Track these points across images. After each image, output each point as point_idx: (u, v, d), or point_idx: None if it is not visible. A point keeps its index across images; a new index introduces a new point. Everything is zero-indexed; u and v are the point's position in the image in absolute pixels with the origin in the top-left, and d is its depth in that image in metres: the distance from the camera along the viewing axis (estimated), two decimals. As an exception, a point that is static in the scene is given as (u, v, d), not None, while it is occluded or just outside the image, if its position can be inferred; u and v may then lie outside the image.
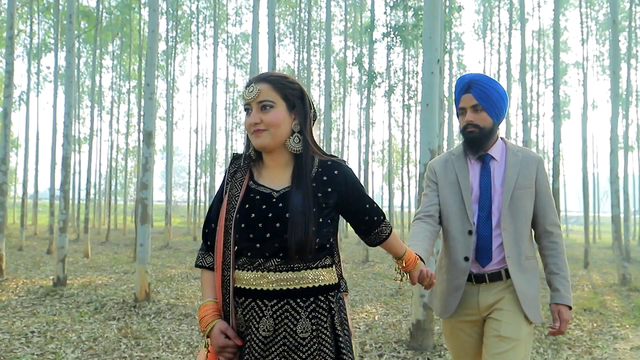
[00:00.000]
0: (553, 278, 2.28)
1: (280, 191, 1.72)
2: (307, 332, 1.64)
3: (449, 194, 2.37)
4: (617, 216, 10.58)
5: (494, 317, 2.23)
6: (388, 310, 7.23)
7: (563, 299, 2.24)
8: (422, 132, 5.13)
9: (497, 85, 2.32)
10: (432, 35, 5.03)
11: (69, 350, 4.84)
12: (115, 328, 5.72)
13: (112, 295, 7.63)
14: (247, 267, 1.67)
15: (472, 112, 2.31)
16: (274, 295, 1.64)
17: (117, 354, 4.77)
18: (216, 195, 1.81)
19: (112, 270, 10.99)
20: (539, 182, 2.31)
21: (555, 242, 2.31)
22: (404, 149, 26.44)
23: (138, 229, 7.10)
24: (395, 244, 1.94)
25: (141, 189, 6.94)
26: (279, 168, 1.76)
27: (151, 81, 6.99)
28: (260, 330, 1.63)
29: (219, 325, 1.66)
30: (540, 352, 5.00)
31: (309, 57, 16.36)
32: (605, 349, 5.32)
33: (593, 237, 25.50)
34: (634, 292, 9.17)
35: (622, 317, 6.93)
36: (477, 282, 2.27)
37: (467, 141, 2.35)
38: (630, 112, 19.66)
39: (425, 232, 2.32)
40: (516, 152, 2.34)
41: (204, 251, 1.79)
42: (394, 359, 4.72)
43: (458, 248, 2.31)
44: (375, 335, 5.59)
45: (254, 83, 1.72)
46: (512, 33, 19.00)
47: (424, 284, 2.01)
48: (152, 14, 7.08)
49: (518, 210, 2.27)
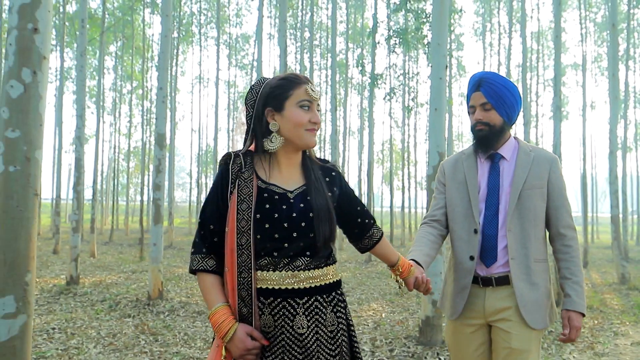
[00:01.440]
0: (565, 283, 2.20)
1: (294, 191, 1.74)
2: (333, 325, 1.73)
3: (456, 193, 2.35)
4: (617, 216, 10.79)
5: (503, 328, 2.18)
6: (394, 308, 7.41)
7: (574, 305, 2.16)
8: (431, 136, 5.32)
9: (508, 84, 2.27)
10: (440, 42, 5.22)
11: (90, 345, 5.02)
12: (131, 325, 5.90)
13: (125, 293, 7.80)
14: (271, 267, 1.67)
15: (481, 110, 2.28)
16: (304, 293, 1.68)
17: (137, 349, 4.94)
18: (211, 195, 1.75)
19: (120, 269, 11.14)
20: (552, 183, 2.24)
21: (569, 245, 2.23)
22: (404, 149, 26.59)
23: (151, 228, 7.27)
24: (387, 249, 1.98)
25: (154, 190, 7.12)
26: (292, 168, 1.79)
27: (164, 85, 7.17)
28: (295, 328, 1.65)
29: (242, 329, 1.62)
30: (545, 347, 5.19)
31: (311, 58, 16.47)
32: (606, 344, 5.51)
33: (591, 237, 25.69)
34: (633, 291, 9.37)
35: (622, 315, 7.12)
36: (484, 284, 2.23)
37: (476, 139, 2.32)
38: (628, 113, 19.85)
39: (429, 237, 2.33)
40: (528, 152, 2.29)
41: (204, 254, 1.71)
42: (404, 353, 4.90)
43: (464, 247, 2.28)
44: (385, 332, 5.77)
45: (312, 84, 1.78)
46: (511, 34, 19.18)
47: (420, 290, 2.03)
48: (164, 19, 7.25)
49: (526, 210, 2.20)
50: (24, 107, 2.29)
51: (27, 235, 2.30)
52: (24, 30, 2.30)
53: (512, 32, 19.50)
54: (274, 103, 1.73)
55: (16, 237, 2.26)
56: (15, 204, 2.26)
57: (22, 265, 2.27)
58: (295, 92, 1.73)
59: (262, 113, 1.75)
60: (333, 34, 10.01)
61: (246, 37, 29.98)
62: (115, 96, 25.18)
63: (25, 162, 2.29)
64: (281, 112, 1.73)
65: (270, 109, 1.74)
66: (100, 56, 16.19)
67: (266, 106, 1.74)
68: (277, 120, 1.73)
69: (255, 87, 1.79)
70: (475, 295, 2.24)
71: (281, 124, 1.73)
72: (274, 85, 1.75)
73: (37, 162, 2.34)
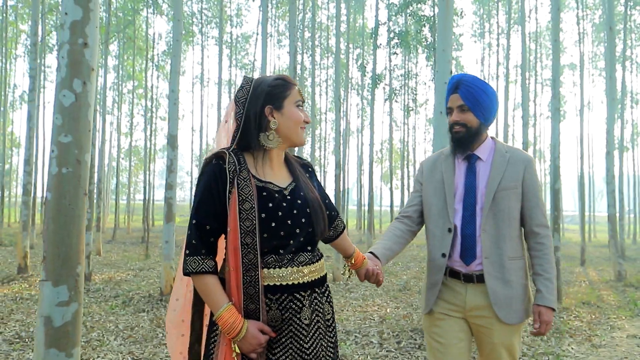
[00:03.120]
0: (537, 279, 2.28)
1: (287, 188, 1.79)
2: (329, 314, 1.85)
3: (433, 192, 2.40)
4: (614, 215, 11.06)
5: (484, 325, 2.27)
6: (398, 303, 7.64)
7: (544, 301, 2.23)
8: (435, 138, 5.55)
9: (485, 86, 2.31)
10: (445, 48, 5.46)
11: (111, 337, 5.24)
12: (147, 319, 6.12)
13: (137, 290, 8.03)
14: (276, 264, 1.71)
15: (458, 112, 2.32)
16: (307, 287, 1.75)
17: (156, 342, 5.17)
18: (204, 195, 1.72)
19: (127, 267, 11.36)
20: (527, 183, 2.30)
21: (542, 243, 2.29)
22: (403, 149, 26.83)
23: (163, 226, 7.50)
24: (347, 242, 2.08)
25: (167, 189, 7.34)
26: (280, 165, 1.84)
27: (175, 87, 7.39)
28: (302, 319, 1.73)
29: (254, 325, 1.65)
30: (545, 340, 5.44)
31: (313, 58, 16.70)
32: (603, 337, 5.76)
33: (588, 236, 25.97)
34: (629, 288, 9.63)
35: (618, 310, 7.37)
36: (465, 281, 2.29)
37: (454, 140, 2.36)
38: (625, 113, 20.11)
39: (396, 232, 2.41)
40: (504, 153, 2.34)
41: (203, 255, 1.69)
42: (411, 345, 5.14)
43: (437, 245, 2.35)
44: (391, 325, 6.01)
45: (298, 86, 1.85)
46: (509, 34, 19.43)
47: (370, 281, 2.13)
48: (175, 23, 7.48)
49: (501, 211, 2.26)
50: (75, 115, 2.51)
51: (77, 231, 2.53)
52: (75, 44, 2.52)
53: (511, 32, 19.76)
54: (274, 101, 1.77)
55: (68, 233, 2.49)
56: (68, 202, 2.48)
57: (74, 258, 2.50)
58: (292, 92, 1.80)
59: (262, 111, 1.76)
60: (337, 34, 10.23)
61: (246, 37, 30.19)
62: (114, 95, 25.37)
63: (77, 165, 2.51)
64: (280, 111, 1.77)
65: (270, 107, 1.77)
66: (105, 57, 16.38)
67: (266, 104, 1.76)
68: (276, 119, 1.77)
69: (245, 85, 1.81)
70: (458, 291, 2.31)
71: (280, 121, 1.77)
72: (272, 84, 1.79)
73: (86, 165, 2.56)
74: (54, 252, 2.46)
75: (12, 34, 23.57)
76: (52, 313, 2.43)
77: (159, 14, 21.59)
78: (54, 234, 2.47)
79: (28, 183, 9.26)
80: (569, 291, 8.99)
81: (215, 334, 1.74)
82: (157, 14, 21.41)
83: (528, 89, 24.21)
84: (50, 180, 2.49)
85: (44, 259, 2.48)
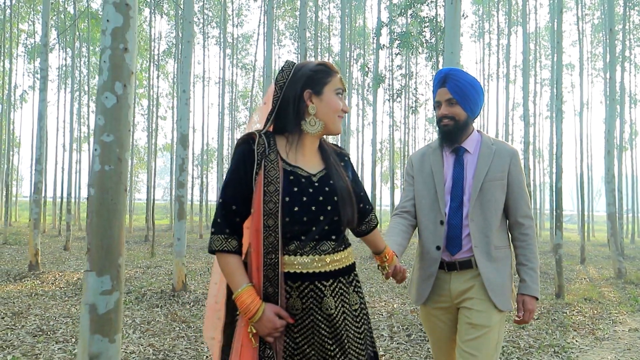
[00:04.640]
0: (521, 269, 2.34)
1: (316, 174, 1.78)
2: (356, 304, 1.81)
3: (423, 185, 2.44)
4: (613, 214, 11.26)
5: (466, 306, 2.29)
6: (404, 300, 7.81)
7: (528, 290, 2.30)
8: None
9: (472, 80, 2.36)
10: (454, 51, 5.62)
11: (130, 331, 5.40)
12: (161, 314, 6.28)
13: (148, 286, 8.18)
14: (298, 251, 1.70)
15: (447, 106, 2.36)
16: (330, 276, 1.73)
17: (173, 335, 5.33)
18: (232, 175, 1.73)
19: (134, 265, 11.50)
20: (512, 175, 2.35)
21: (526, 233, 2.36)
22: (402, 149, 27.01)
23: (174, 224, 7.66)
24: (378, 237, 2.08)
25: (178, 188, 7.50)
26: (312, 151, 1.83)
27: (186, 87, 7.55)
28: (323, 309, 1.70)
29: (271, 308, 1.65)
30: (549, 333, 5.61)
31: (315, 58, 16.87)
32: (606, 331, 5.94)
33: (587, 234, 26.18)
34: (629, 285, 9.82)
35: (619, 306, 7.56)
36: (449, 269, 2.34)
37: (442, 134, 2.41)
38: (624, 113, 20.31)
39: (401, 227, 2.43)
40: (490, 145, 2.38)
41: (227, 234, 1.70)
42: (420, 337, 5.31)
43: (430, 237, 2.38)
44: (400, 320, 6.18)
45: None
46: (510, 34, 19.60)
47: (396, 279, 2.13)
48: (186, 25, 7.63)
49: (487, 201, 2.31)
50: (116, 115, 2.68)
51: (119, 224, 2.69)
52: (117, 49, 2.68)
53: (511, 32, 19.93)
54: (314, 86, 1.77)
55: (111, 226, 2.65)
56: (110, 198, 2.64)
57: (116, 250, 2.66)
58: (333, 79, 1.79)
59: (301, 94, 1.76)
60: (342, 35, 10.39)
61: (247, 37, 30.36)
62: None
63: (118, 162, 2.68)
64: (320, 96, 1.77)
65: (309, 91, 1.77)
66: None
67: (305, 88, 1.76)
68: (315, 104, 1.77)
69: (286, 68, 1.80)
70: (442, 279, 2.36)
71: (319, 107, 1.77)
72: (314, 69, 1.78)
73: (126, 162, 2.73)
74: (98, 244, 2.63)
75: (12, 34, 23.65)
76: (96, 301, 2.59)
77: (160, 15, 21.71)
78: (98, 227, 2.63)
79: (39, 182, 9.41)
80: (570, 288, 9.18)
81: (238, 314, 1.75)
82: (157, 13, 21.53)
83: (528, 88, 24.44)
84: (93, 177, 2.66)
85: (88, 250, 2.64)
